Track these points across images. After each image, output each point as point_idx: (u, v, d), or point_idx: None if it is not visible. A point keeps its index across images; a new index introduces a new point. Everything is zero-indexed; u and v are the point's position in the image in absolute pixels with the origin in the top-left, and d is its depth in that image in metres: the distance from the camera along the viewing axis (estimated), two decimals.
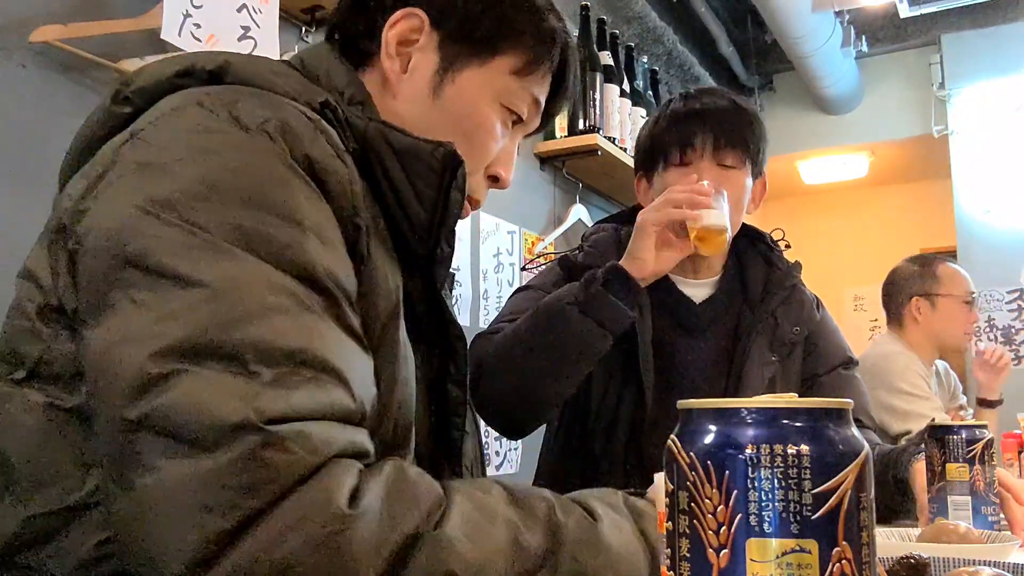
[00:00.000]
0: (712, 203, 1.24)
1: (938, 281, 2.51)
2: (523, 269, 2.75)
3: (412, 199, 0.72)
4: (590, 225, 2.93)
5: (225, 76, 0.69)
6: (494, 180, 0.87)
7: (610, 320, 1.21)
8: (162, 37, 1.39)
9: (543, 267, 1.57)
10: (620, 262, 1.27)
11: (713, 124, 1.35)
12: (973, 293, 2.52)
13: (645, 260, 1.25)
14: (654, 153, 1.41)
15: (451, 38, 0.81)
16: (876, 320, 4.55)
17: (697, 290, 1.45)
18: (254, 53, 1.46)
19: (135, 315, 0.53)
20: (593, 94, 2.77)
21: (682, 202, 1.24)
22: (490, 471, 2.39)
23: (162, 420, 0.50)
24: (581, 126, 2.77)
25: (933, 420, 1.30)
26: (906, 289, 2.53)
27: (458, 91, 0.81)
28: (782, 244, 1.51)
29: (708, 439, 0.41)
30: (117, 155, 0.62)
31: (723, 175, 1.35)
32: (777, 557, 0.38)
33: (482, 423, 1.24)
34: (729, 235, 1.27)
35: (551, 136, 2.82)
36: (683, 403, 0.45)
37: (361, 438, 0.57)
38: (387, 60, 0.81)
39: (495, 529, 0.56)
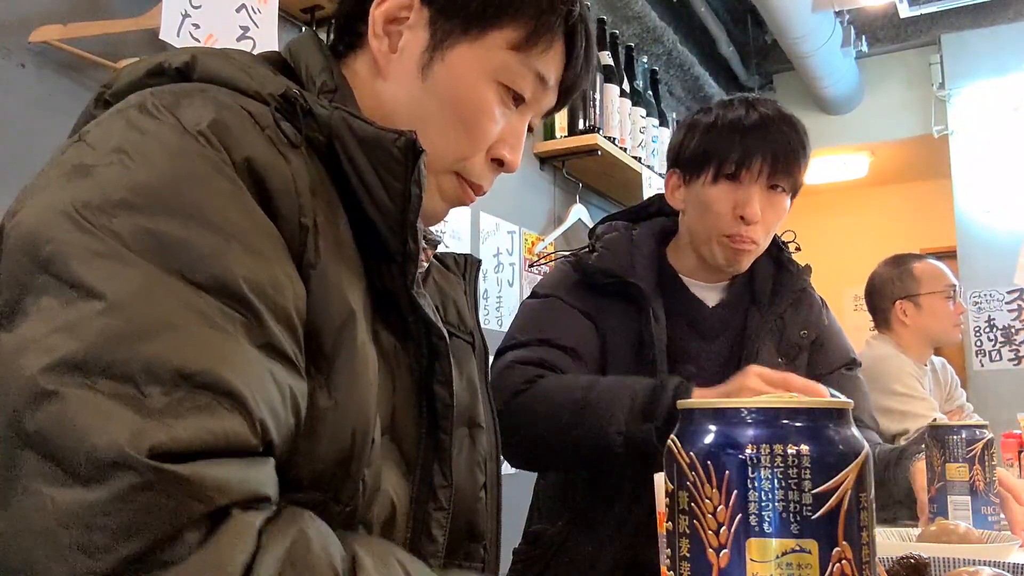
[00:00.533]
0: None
1: (917, 281, 2.52)
2: (530, 266, 2.75)
3: (380, 191, 0.68)
4: (590, 225, 2.94)
5: (192, 73, 0.68)
6: (499, 164, 0.82)
7: (644, 453, 1.14)
8: (161, 37, 1.39)
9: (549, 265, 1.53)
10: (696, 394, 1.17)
11: (774, 145, 1.31)
12: (953, 286, 2.53)
13: None
14: (703, 158, 1.34)
15: (442, 14, 0.77)
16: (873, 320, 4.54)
17: (709, 293, 1.43)
18: (254, 53, 1.46)
19: (37, 323, 0.50)
20: (593, 94, 2.77)
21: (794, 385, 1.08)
22: None
23: (45, 441, 0.47)
24: (581, 126, 2.77)
25: (935, 420, 1.30)
26: (887, 294, 2.54)
27: (448, 70, 0.76)
28: (792, 246, 1.48)
29: (708, 439, 0.41)
30: (62, 156, 0.60)
31: (770, 197, 1.32)
32: (777, 557, 0.38)
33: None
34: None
35: (551, 136, 2.82)
36: (683, 403, 0.45)
37: (260, 477, 0.52)
38: (374, 40, 0.78)
39: None
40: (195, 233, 0.54)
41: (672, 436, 0.44)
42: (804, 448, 0.39)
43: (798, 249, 1.49)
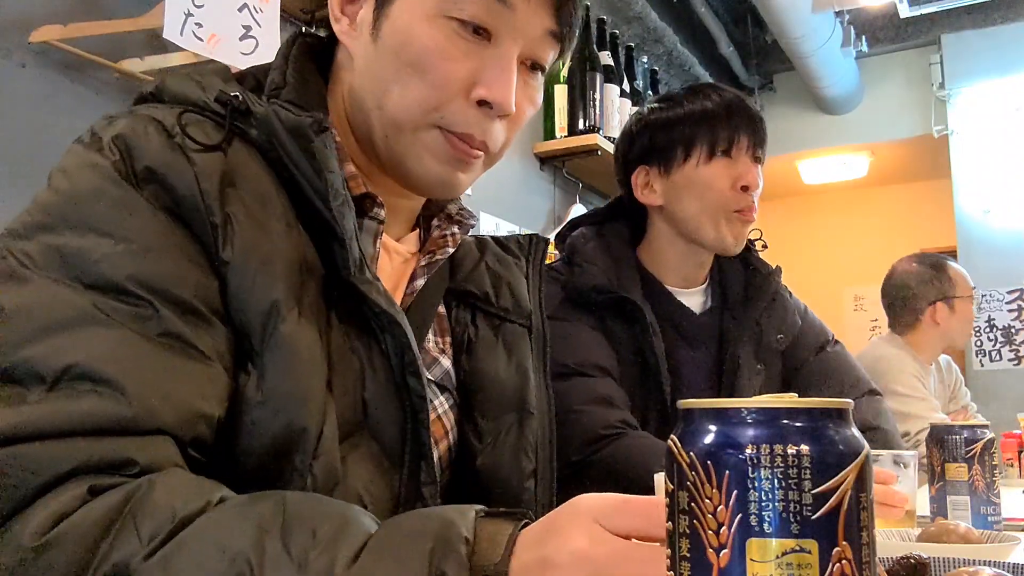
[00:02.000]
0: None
1: (954, 284, 2.52)
2: None
3: (314, 177, 0.69)
4: None
5: (162, 94, 0.73)
6: (486, 106, 0.74)
7: None
8: (164, 36, 1.39)
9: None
10: None
11: (753, 120, 1.38)
12: (975, 288, 2.55)
13: None
14: (685, 144, 1.37)
15: None
16: (876, 320, 4.55)
17: (692, 298, 1.44)
18: (255, 52, 1.46)
19: None
20: (593, 94, 2.77)
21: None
22: None
23: None
24: (581, 126, 2.77)
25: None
26: (924, 295, 2.52)
27: (392, 24, 0.74)
28: (759, 244, 1.50)
29: (708, 439, 0.41)
30: None
31: (755, 170, 1.37)
32: (777, 557, 0.38)
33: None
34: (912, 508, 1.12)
35: (551, 136, 2.82)
36: (683, 403, 0.45)
37: (119, 448, 0.55)
38: (336, 24, 0.78)
39: (222, 570, 0.50)
40: (90, 242, 0.60)
41: (672, 436, 0.44)
42: (804, 448, 0.39)
43: (764, 247, 1.51)
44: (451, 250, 0.86)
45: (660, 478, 0.55)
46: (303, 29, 1.84)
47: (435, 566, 0.50)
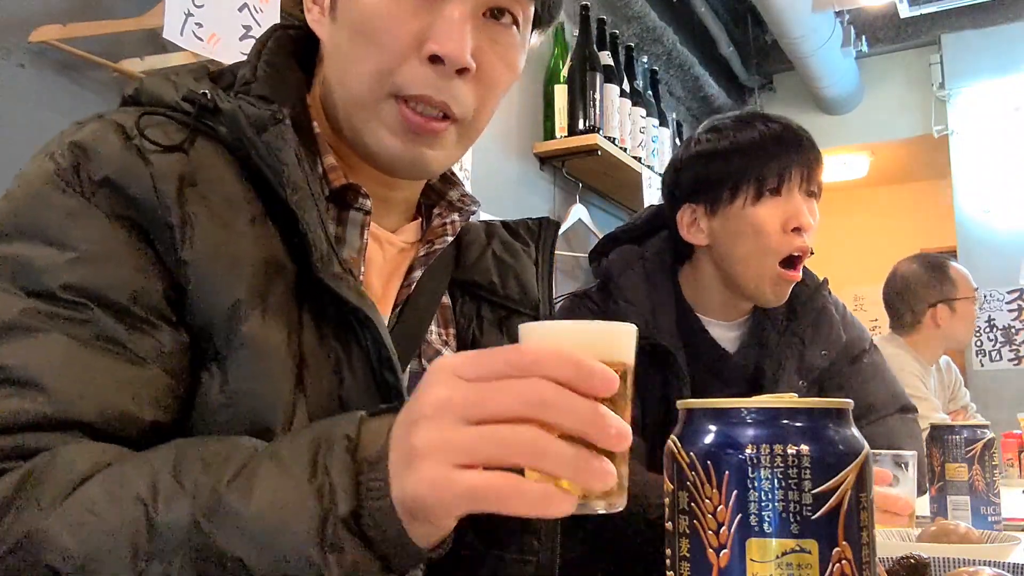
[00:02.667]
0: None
1: (955, 285, 2.51)
2: None
3: (280, 172, 0.68)
4: (590, 225, 2.94)
5: (139, 96, 0.73)
6: (439, 63, 0.71)
7: None
8: (164, 36, 1.39)
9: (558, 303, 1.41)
10: None
11: (806, 151, 1.29)
12: (977, 289, 2.54)
13: None
14: (732, 183, 1.28)
15: None
16: (876, 320, 4.55)
17: (729, 334, 1.37)
18: None
19: None
20: (593, 94, 2.77)
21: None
22: None
23: None
24: (581, 126, 2.77)
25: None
26: (925, 297, 2.51)
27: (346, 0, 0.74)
28: None
29: (708, 439, 0.41)
30: None
31: (809, 205, 1.29)
32: (777, 557, 0.38)
33: None
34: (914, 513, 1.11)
35: (551, 136, 2.82)
36: (683, 403, 0.45)
37: (33, 440, 0.57)
38: (308, 15, 0.78)
39: (119, 511, 0.52)
40: (37, 251, 0.62)
41: (672, 436, 0.44)
42: (804, 448, 0.39)
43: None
44: (450, 238, 0.84)
45: (525, 329, 0.53)
46: (281, 22, 1.83)
47: (319, 464, 0.50)
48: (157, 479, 0.53)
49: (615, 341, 0.52)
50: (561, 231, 2.87)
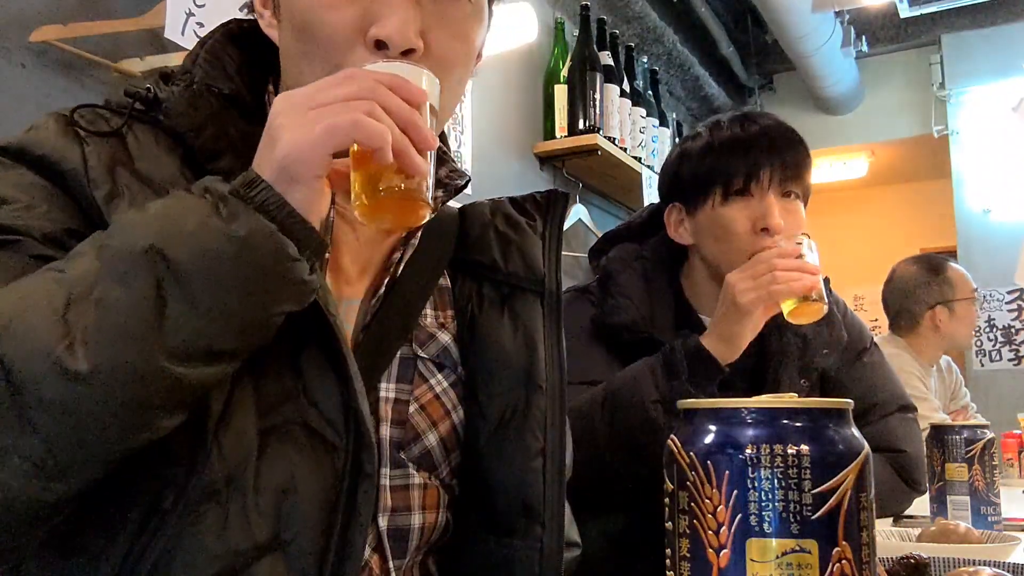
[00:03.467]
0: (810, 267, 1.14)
1: (953, 287, 2.50)
2: None
3: (195, 135, 0.70)
4: (590, 225, 2.94)
5: (109, 103, 0.75)
6: (384, 48, 0.69)
7: None
8: (166, 36, 1.39)
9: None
10: (704, 340, 1.16)
11: (779, 151, 1.26)
12: (976, 289, 2.54)
13: (743, 344, 1.16)
14: (703, 182, 1.29)
15: None
16: (876, 320, 4.55)
17: None
18: None
19: None
20: (593, 94, 2.77)
21: (779, 275, 1.13)
22: None
23: None
24: (581, 126, 2.77)
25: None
26: (923, 299, 2.51)
27: None
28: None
29: (708, 439, 0.41)
30: None
31: (786, 206, 1.27)
32: (777, 557, 0.38)
33: None
34: (826, 304, 1.16)
35: (551, 136, 2.82)
36: (683, 403, 0.45)
37: None
38: (260, 20, 0.78)
39: (34, 282, 0.57)
40: None
41: (672, 436, 0.44)
42: (804, 448, 0.39)
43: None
44: (429, 215, 0.83)
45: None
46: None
47: (209, 191, 0.59)
48: (61, 266, 0.58)
49: (415, 75, 0.64)
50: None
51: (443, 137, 0.88)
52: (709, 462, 0.40)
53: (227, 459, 0.62)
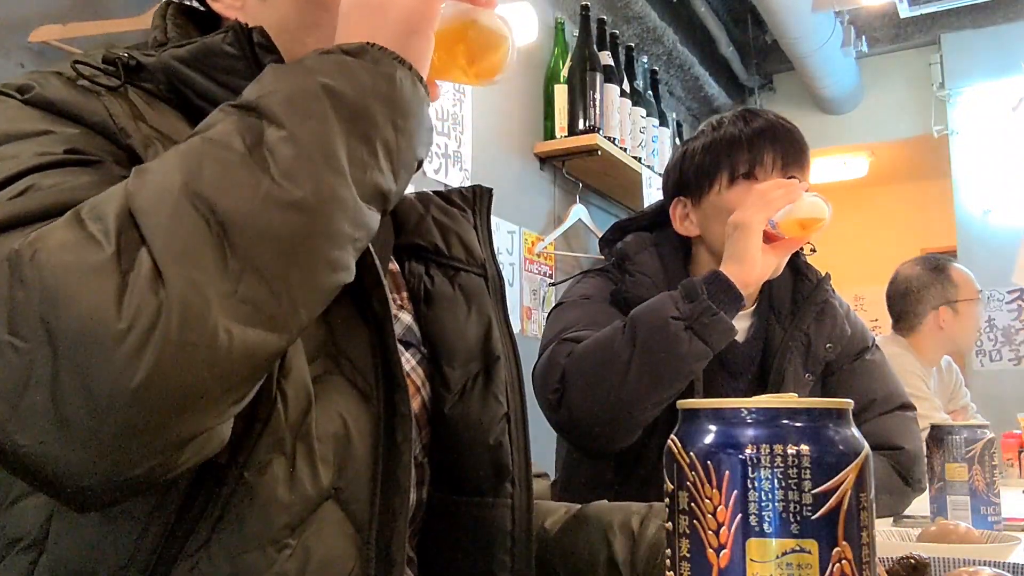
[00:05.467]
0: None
1: (957, 288, 2.51)
2: (551, 284, 2.79)
3: (230, 96, 0.67)
4: (590, 225, 2.95)
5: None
6: None
7: (717, 337, 1.16)
8: None
9: (572, 279, 1.48)
10: (722, 268, 1.20)
11: (781, 140, 1.32)
12: (980, 290, 2.54)
13: (754, 262, 1.19)
14: (708, 171, 1.35)
15: None
16: (877, 320, 4.55)
17: (738, 323, 1.35)
18: None
19: None
20: (593, 94, 2.77)
21: (779, 195, 1.20)
22: None
23: None
24: (581, 126, 2.77)
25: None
26: (927, 299, 2.51)
27: None
28: (807, 249, 1.44)
29: (708, 439, 0.41)
30: None
31: None
32: (777, 557, 0.38)
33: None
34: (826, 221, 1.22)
35: (551, 136, 2.82)
36: (683, 403, 0.45)
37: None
38: (216, 5, 0.78)
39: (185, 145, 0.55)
40: (17, 148, 0.59)
41: (672, 436, 0.44)
42: (804, 448, 0.39)
43: (813, 251, 1.45)
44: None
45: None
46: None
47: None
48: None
49: None
50: (561, 231, 2.90)
51: None
52: (709, 462, 0.40)
53: (291, 408, 0.63)
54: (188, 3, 0.81)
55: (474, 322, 0.85)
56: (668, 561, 0.42)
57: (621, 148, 2.88)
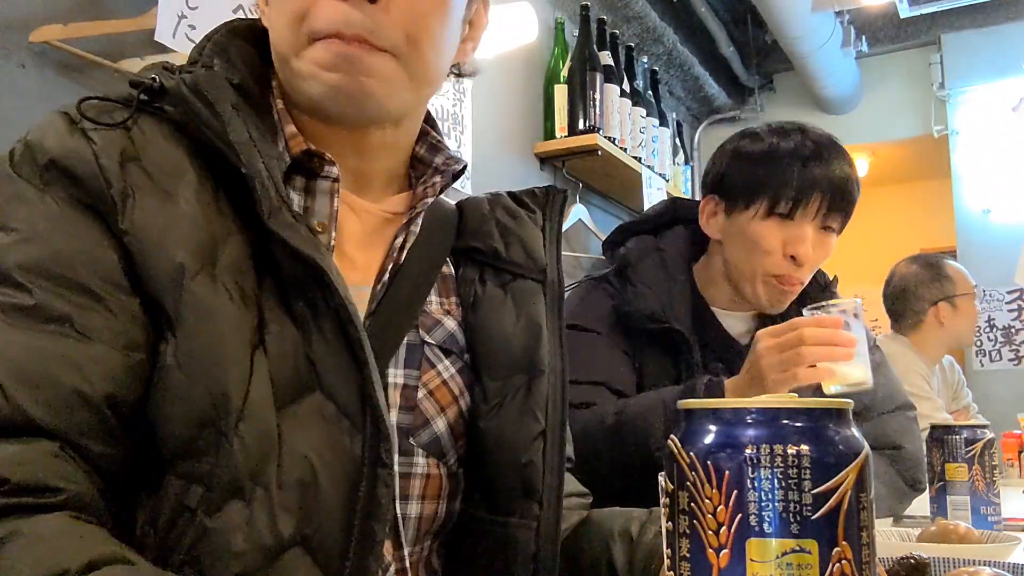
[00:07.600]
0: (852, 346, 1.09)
1: (954, 283, 2.52)
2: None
3: (224, 132, 0.68)
4: (590, 225, 2.94)
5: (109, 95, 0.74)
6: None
7: None
8: (156, 39, 1.39)
9: (572, 290, 1.43)
10: (728, 384, 1.16)
11: (832, 187, 1.27)
12: (976, 285, 2.55)
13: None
14: (755, 190, 1.29)
15: None
16: (876, 320, 4.55)
17: (739, 324, 1.39)
18: None
19: None
20: (593, 94, 2.77)
21: (805, 352, 1.08)
22: None
23: None
24: (581, 126, 2.77)
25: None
26: (925, 296, 2.52)
27: None
28: None
29: (708, 439, 0.41)
30: None
31: (821, 238, 1.30)
32: (777, 557, 0.38)
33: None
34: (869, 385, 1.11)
35: (551, 136, 2.82)
36: (683, 403, 0.45)
37: (8, 453, 0.56)
38: (259, 14, 0.80)
39: None
40: None
41: (672, 436, 0.44)
42: (804, 448, 0.39)
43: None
44: (429, 200, 0.82)
45: (663, 478, 0.56)
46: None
47: None
48: None
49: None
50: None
51: (433, 123, 0.88)
52: (709, 462, 0.40)
53: (249, 454, 0.62)
54: (246, 20, 0.83)
55: (522, 330, 0.82)
56: (668, 561, 0.42)
57: (621, 148, 2.88)
